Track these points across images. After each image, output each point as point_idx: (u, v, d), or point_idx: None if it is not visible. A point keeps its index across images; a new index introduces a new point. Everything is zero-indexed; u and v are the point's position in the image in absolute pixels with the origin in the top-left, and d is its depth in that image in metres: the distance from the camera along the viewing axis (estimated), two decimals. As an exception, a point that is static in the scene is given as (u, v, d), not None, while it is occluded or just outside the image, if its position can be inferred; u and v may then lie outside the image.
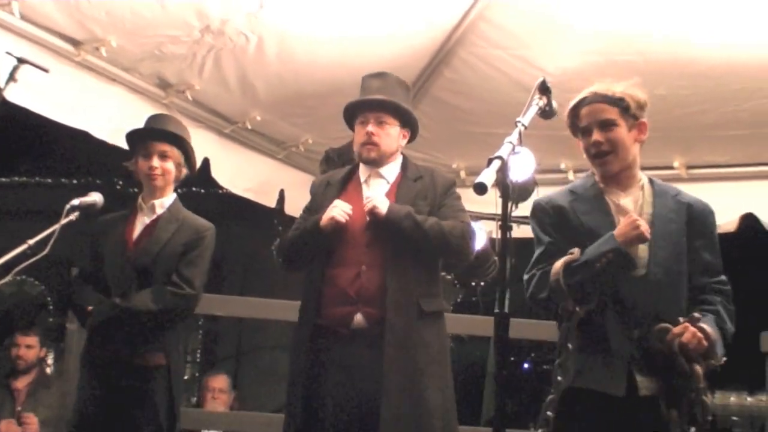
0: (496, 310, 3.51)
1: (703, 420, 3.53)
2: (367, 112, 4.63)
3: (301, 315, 4.59)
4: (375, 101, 4.65)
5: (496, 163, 3.53)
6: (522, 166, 5.68)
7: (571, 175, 7.04)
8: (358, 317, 4.37)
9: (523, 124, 3.71)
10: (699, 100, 6.22)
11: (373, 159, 4.63)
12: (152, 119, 5.02)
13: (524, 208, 6.07)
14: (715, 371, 3.66)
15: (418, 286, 4.45)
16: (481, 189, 3.48)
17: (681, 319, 3.57)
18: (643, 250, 3.76)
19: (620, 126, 3.84)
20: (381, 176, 4.66)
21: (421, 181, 4.61)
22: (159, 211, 4.86)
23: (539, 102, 3.83)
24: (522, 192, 5.95)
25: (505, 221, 3.56)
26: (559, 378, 3.72)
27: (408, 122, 4.72)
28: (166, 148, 4.82)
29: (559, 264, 3.69)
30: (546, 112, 3.88)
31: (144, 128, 4.92)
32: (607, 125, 3.84)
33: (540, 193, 6.10)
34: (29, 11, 5.08)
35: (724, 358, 3.70)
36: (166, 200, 4.89)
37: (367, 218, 4.47)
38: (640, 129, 3.91)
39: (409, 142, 4.81)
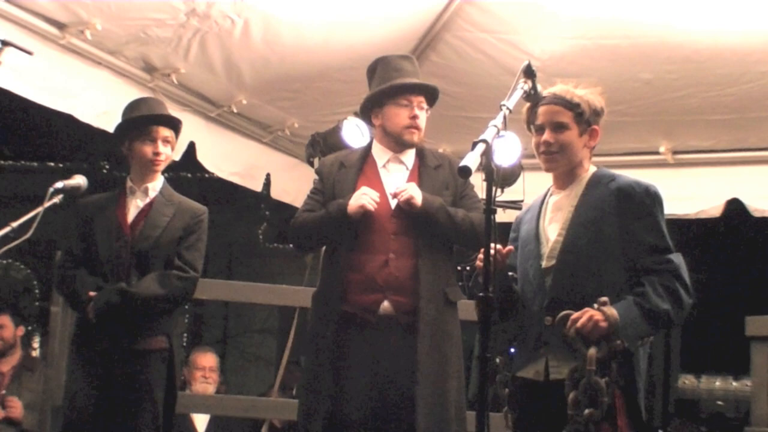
0: (480, 294, 3.53)
1: (599, 402, 3.53)
2: (412, 96, 4.63)
3: (321, 301, 4.59)
4: (425, 86, 4.69)
5: (481, 147, 3.55)
6: (507, 150, 5.68)
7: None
8: (386, 304, 4.40)
9: (508, 108, 3.72)
10: (684, 84, 6.23)
11: (415, 143, 4.65)
12: (149, 104, 5.00)
13: (510, 193, 6.12)
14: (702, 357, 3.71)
15: (444, 275, 4.49)
16: (465, 172, 3.51)
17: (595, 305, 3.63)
18: (556, 242, 3.89)
19: (571, 130, 3.93)
20: (401, 162, 4.66)
21: (442, 170, 4.61)
22: (152, 194, 4.85)
23: (524, 86, 3.86)
24: (507, 176, 5.97)
25: (489, 205, 3.57)
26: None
27: (431, 108, 4.74)
28: (168, 133, 4.84)
29: None
30: (531, 96, 3.91)
31: (153, 114, 4.90)
32: (559, 127, 3.92)
33: (526, 178, 6.13)
34: (14, -6, 5.07)
35: (648, 338, 3.80)
36: (156, 183, 4.89)
37: (392, 207, 4.48)
38: (591, 135, 3.99)
39: None
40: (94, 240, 4.76)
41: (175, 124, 4.90)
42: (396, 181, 4.55)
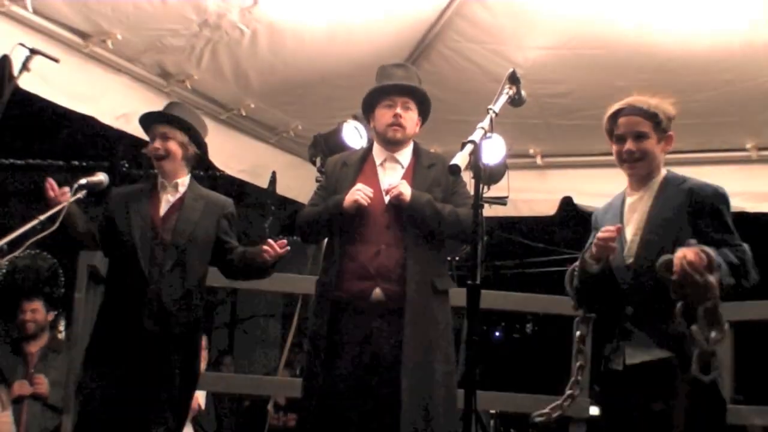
0: (469, 282, 3.53)
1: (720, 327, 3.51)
2: (395, 96, 4.61)
3: (320, 288, 4.58)
4: (405, 86, 4.64)
5: (469, 147, 3.57)
6: (493, 151, 5.69)
7: (539, 160, 7.05)
8: (377, 291, 4.38)
9: (494, 111, 3.74)
10: (654, 92, 6.18)
11: (399, 139, 4.62)
12: (165, 107, 4.95)
13: (495, 190, 6.12)
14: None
15: (432, 265, 4.47)
16: (455, 170, 3.53)
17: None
18: (632, 241, 3.87)
19: (651, 138, 3.94)
20: (396, 161, 4.64)
21: (435, 168, 4.58)
22: (181, 189, 4.78)
23: (509, 91, 3.89)
24: (493, 174, 5.97)
25: (477, 201, 3.59)
26: None
27: (424, 111, 4.72)
28: (166, 129, 4.72)
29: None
30: (515, 101, 3.93)
31: (143, 114, 4.85)
32: (640, 136, 3.93)
33: (510, 176, 6.14)
34: (41, 6, 5.06)
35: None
36: (186, 179, 4.82)
37: (386, 202, 4.46)
38: (667, 141, 4.01)
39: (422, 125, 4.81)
40: (122, 226, 4.63)
41: (168, 120, 4.77)
42: (392, 178, 4.54)
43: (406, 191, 4.41)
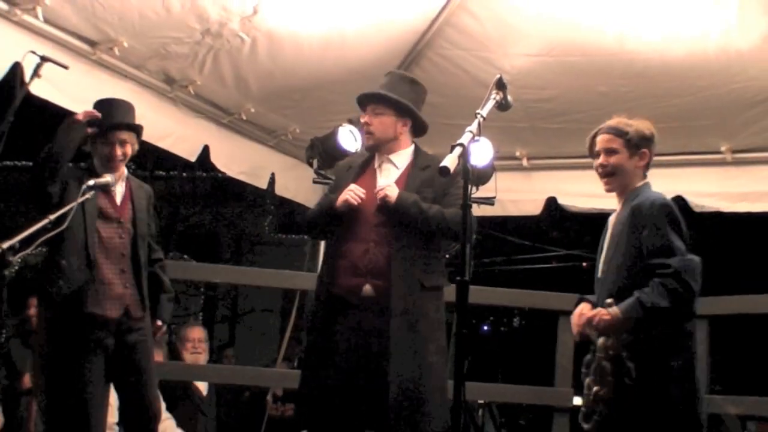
0: (458, 278, 3.56)
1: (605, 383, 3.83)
2: (366, 105, 4.61)
3: (318, 284, 4.59)
4: (365, 95, 4.63)
5: (458, 150, 3.59)
6: (481, 153, 5.69)
7: (525, 162, 7.07)
8: (367, 287, 4.38)
9: (482, 116, 3.76)
10: (635, 96, 6.24)
11: (371, 146, 4.62)
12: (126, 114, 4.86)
13: (483, 190, 6.14)
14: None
15: (420, 263, 4.44)
16: (444, 172, 3.56)
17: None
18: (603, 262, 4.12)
19: (622, 153, 4.14)
20: (392, 163, 4.61)
21: (429, 170, 4.53)
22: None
23: (496, 96, 3.90)
24: (481, 176, 5.98)
25: (466, 201, 3.61)
26: None
27: (404, 111, 4.59)
28: (125, 136, 4.79)
29: None
30: (502, 105, 3.95)
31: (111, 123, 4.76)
32: (611, 152, 4.14)
33: (497, 178, 6.16)
34: (51, 15, 5.05)
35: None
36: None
37: (378, 203, 4.46)
38: (641, 157, 4.18)
39: (418, 130, 4.70)
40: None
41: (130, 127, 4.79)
42: (387, 180, 4.53)
43: (392, 193, 4.39)
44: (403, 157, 4.64)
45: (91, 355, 4.54)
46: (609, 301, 3.83)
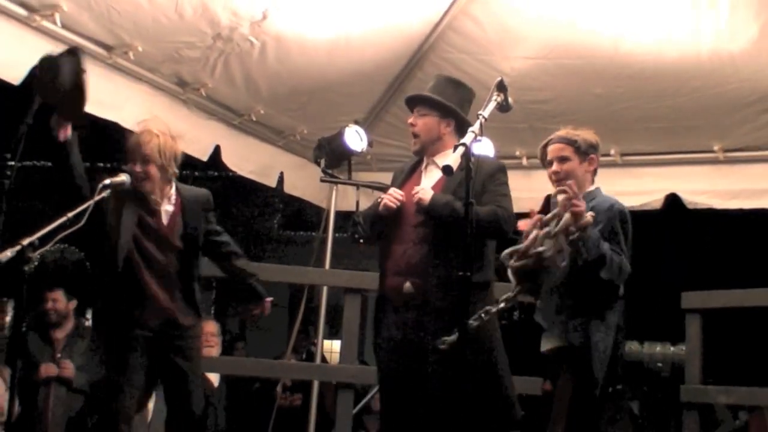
0: (460, 273, 3.58)
1: None
2: (412, 108, 4.59)
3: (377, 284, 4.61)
4: (409, 97, 4.64)
5: (461, 149, 3.61)
6: (483, 152, 5.69)
7: (524, 161, 7.06)
8: (407, 286, 4.34)
9: (484, 117, 3.77)
10: (630, 98, 6.26)
11: (417, 149, 4.57)
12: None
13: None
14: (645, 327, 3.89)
15: (459, 260, 4.32)
16: (448, 171, 3.58)
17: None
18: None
19: (573, 160, 4.30)
20: (435, 165, 4.49)
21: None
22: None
23: (497, 98, 3.91)
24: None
25: (468, 198, 3.64)
26: None
27: (448, 112, 4.51)
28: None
29: None
30: (503, 107, 3.96)
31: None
32: (563, 159, 4.30)
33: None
34: (69, 21, 5.07)
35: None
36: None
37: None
38: (590, 162, 4.36)
39: (462, 131, 4.43)
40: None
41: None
42: (430, 181, 4.49)
43: (425, 195, 4.35)
44: (446, 160, 4.55)
45: (132, 350, 4.54)
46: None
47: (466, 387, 3.97)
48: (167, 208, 4.72)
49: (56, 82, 4.20)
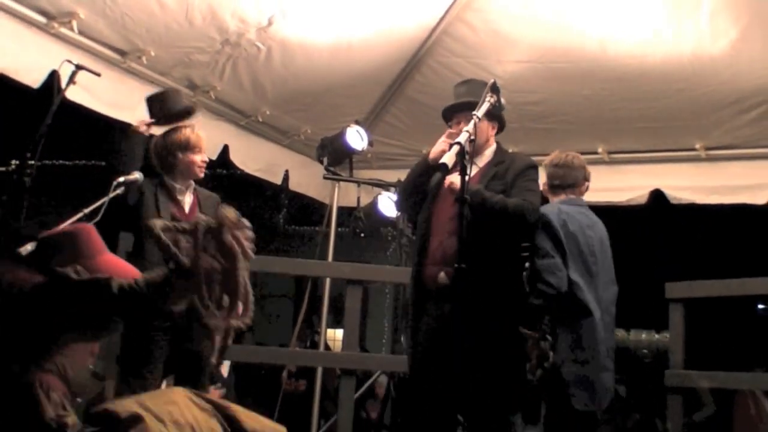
0: (456, 265, 3.58)
1: None
2: (454, 115, 4.52)
3: (411, 274, 4.52)
4: (456, 104, 4.51)
5: (456, 148, 3.61)
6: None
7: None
8: (441, 275, 4.27)
9: (478, 117, 3.77)
10: (617, 99, 6.26)
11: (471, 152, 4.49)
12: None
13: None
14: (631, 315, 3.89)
15: (490, 251, 4.25)
16: (444, 168, 3.58)
17: None
18: None
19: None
20: (475, 163, 4.41)
21: (501, 165, 4.41)
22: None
23: (491, 99, 3.90)
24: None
25: (462, 195, 3.64)
26: None
27: (493, 115, 4.43)
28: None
29: None
30: (496, 107, 3.95)
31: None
32: None
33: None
34: (86, 27, 5.09)
35: None
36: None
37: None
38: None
39: (500, 130, 4.58)
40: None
41: None
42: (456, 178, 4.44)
43: (457, 181, 4.14)
44: (486, 156, 4.51)
45: (154, 342, 4.54)
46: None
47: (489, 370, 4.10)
48: (188, 199, 4.74)
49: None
